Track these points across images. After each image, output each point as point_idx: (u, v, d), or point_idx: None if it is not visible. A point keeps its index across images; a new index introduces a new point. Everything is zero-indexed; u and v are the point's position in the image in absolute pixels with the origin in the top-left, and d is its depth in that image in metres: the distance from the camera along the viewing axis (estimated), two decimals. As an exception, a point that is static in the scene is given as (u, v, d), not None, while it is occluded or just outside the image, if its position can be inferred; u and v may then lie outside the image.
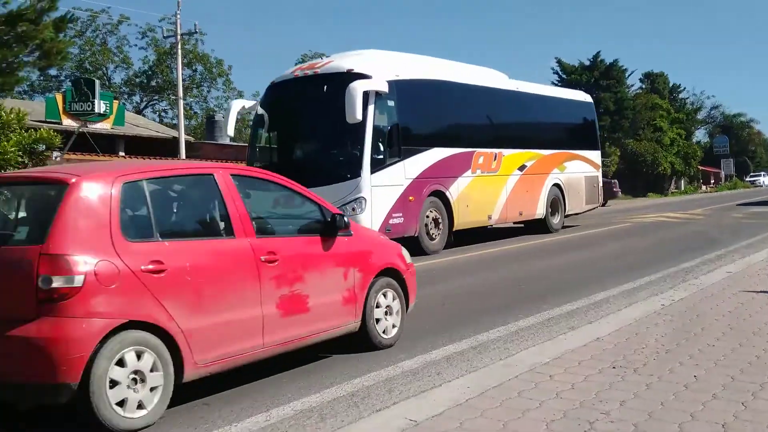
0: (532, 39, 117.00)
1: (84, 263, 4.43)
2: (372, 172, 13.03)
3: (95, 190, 4.70)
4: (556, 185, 18.90)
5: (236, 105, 15.49)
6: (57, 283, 4.34)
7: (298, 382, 5.55)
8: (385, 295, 6.60)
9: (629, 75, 62.37)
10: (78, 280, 4.38)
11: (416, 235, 13.84)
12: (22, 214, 5.19)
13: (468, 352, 6.30)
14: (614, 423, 4.22)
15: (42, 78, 51.08)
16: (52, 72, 49.33)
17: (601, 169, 22.01)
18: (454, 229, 15.15)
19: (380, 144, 13.33)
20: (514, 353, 6.11)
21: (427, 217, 14.27)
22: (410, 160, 14.03)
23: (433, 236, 14.49)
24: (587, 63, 59.40)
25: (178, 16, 37.17)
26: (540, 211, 18.29)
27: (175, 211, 5.62)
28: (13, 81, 24.61)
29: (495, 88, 17.44)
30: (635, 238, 17.54)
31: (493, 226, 17.56)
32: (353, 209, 12.55)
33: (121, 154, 29.01)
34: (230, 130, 15.26)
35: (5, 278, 4.50)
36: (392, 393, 5.15)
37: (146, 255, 4.75)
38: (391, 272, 6.74)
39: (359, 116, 12.39)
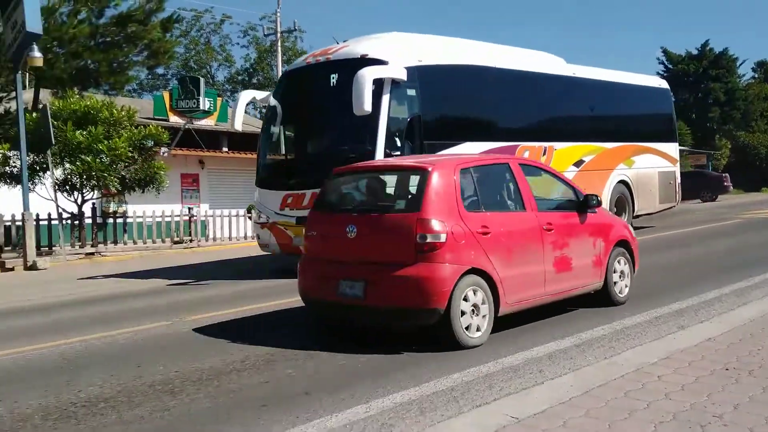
0: (635, 27, 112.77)
1: (445, 225, 6.34)
2: None
3: (445, 175, 6.64)
4: (623, 182, 17.15)
5: (245, 96, 14.01)
6: (430, 239, 6.27)
7: (396, 375, 5.55)
8: (619, 262, 8.12)
9: (740, 64, 59.32)
10: (443, 237, 6.29)
11: None
12: (397, 191, 7.34)
13: (571, 350, 6.13)
14: (728, 427, 4.03)
15: (150, 77, 53.40)
16: (160, 71, 51.46)
17: (678, 164, 20.05)
18: None
19: (396, 138, 11.79)
20: (620, 352, 5.92)
21: None
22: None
23: None
24: (695, 52, 56.99)
25: (278, 15, 37.99)
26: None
27: (489, 190, 7.28)
28: (123, 80, 25.85)
29: (544, 74, 15.67)
30: (749, 234, 16.62)
31: None
32: None
33: (225, 149, 29.86)
34: (237, 123, 13.49)
35: (393, 235, 6.49)
36: (492, 389, 5.07)
37: (478, 222, 6.60)
38: (623, 243, 8.24)
39: (368, 107, 10.90)
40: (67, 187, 17.88)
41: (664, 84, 20.06)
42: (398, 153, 11.67)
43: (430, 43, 13.72)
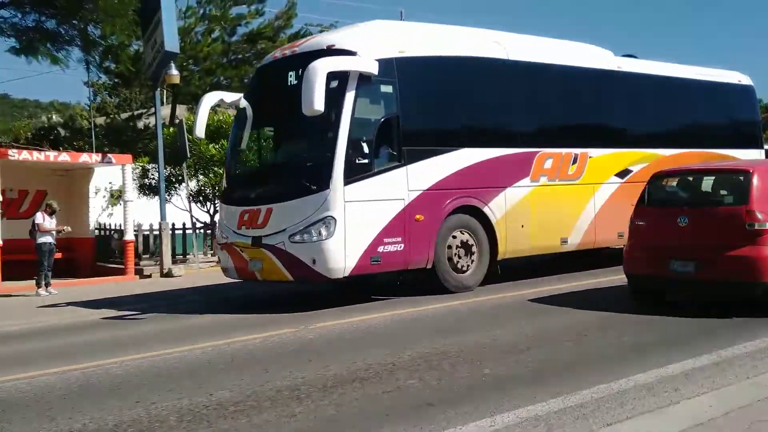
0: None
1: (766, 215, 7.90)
2: (348, 182, 9.56)
3: (764, 175, 8.22)
4: None
5: (210, 98, 11.64)
6: (757, 226, 7.84)
7: (521, 390, 5.40)
8: None
9: None
10: (767, 225, 7.84)
11: (429, 266, 10.37)
12: (724, 188, 8.93)
13: (709, 368, 5.77)
14: None
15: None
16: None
17: None
18: (500, 258, 11.22)
19: (364, 144, 9.89)
20: (764, 371, 5.53)
21: (453, 240, 10.69)
22: (419, 165, 10.34)
23: (462, 267, 10.76)
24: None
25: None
26: None
27: None
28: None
29: (575, 68, 12.81)
30: None
31: (574, 250, 12.65)
32: (319, 234, 9.41)
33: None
34: (199, 130, 11.41)
35: (723, 224, 8.19)
36: (624, 407, 4.84)
37: None
38: None
39: (318, 106, 9.09)
40: (201, 198, 18.66)
41: (746, 80, 16.36)
42: (366, 161, 9.81)
43: (418, 31, 11.59)
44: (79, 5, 17.54)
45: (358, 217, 9.61)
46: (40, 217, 14.32)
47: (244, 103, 11.21)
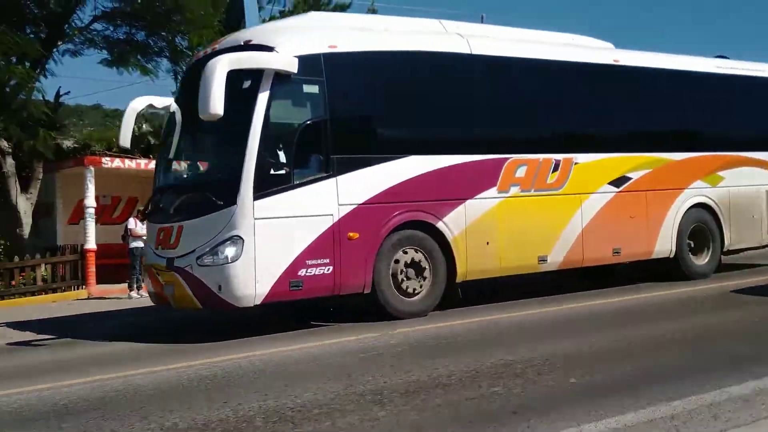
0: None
1: None
2: (259, 197, 8.32)
3: None
4: (702, 205, 12.24)
5: (136, 104, 9.99)
6: None
7: (609, 399, 5.23)
8: None
9: None
10: None
11: (366, 291, 9.00)
12: None
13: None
14: None
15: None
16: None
17: None
18: (460, 280, 9.72)
19: (281, 152, 8.67)
20: None
21: (396, 263, 9.27)
22: (353, 175, 9.01)
23: (411, 290, 9.38)
24: None
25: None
26: (664, 246, 11.68)
27: None
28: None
29: (560, 62, 11.14)
30: None
31: (555, 270, 10.95)
32: (225, 256, 8.22)
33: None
34: (123, 139, 9.90)
35: None
36: (718, 419, 4.64)
37: None
38: None
39: (215, 110, 7.88)
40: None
41: None
42: (283, 172, 8.50)
43: (359, 23, 10.45)
44: (167, 17, 18.11)
45: (272, 236, 8.36)
46: (132, 223, 14.97)
47: (174, 107, 9.95)
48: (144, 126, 19.03)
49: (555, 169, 10.65)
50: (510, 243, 10.14)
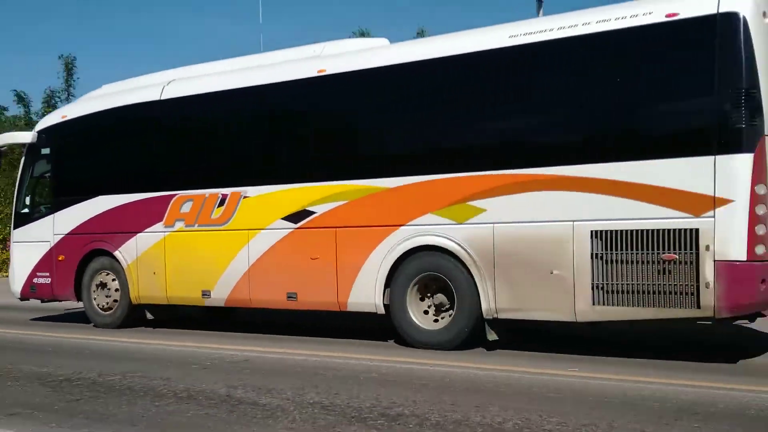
0: None
1: None
2: (15, 228, 12.67)
3: None
4: (437, 249, 8.50)
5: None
6: None
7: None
8: None
9: None
10: None
11: (77, 301, 12.10)
12: None
13: None
14: None
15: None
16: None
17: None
18: (136, 303, 11.26)
19: (28, 197, 12.59)
20: None
21: (93, 281, 11.73)
22: (63, 212, 11.93)
23: (103, 306, 11.72)
24: None
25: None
26: (363, 298, 8.99)
27: None
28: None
29: (228, 91, 10.23)
30: None
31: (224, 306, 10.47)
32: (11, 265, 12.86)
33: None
34: None
35: None
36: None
37: None
38: None
39: None
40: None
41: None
42: (27, 211, 12.36)
43: (102, 92, 12.38)
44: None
45: (21, 254, 12.51)
46: None
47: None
48: None
49: (221, 203, 10.31)
50: (174, 275, 10.79)
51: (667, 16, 7.25)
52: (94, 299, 11.83)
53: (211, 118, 10.72)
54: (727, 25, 6.91)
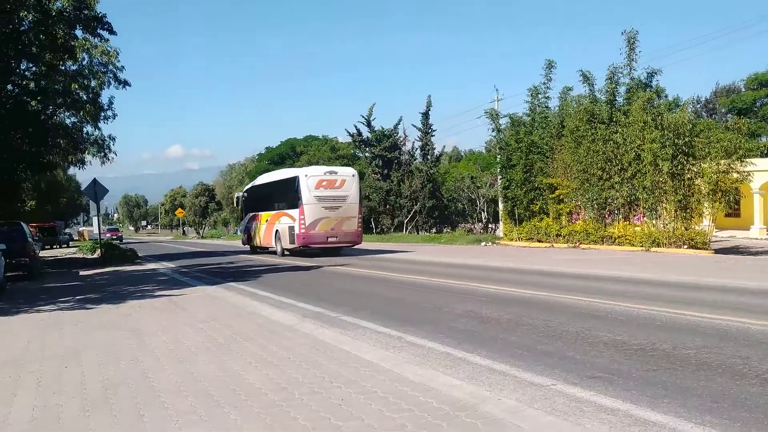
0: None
1: None
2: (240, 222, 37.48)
3: None
4: None
5: None
6: None
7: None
8: None
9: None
10: None
11: None
12: None
13: None
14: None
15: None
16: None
17: None
18: None
19: (244, 213, 35.65)
20: None
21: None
22: (247, 216, 34.43)
23: None
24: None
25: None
26: None
27: None
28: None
29: None
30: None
31: None
32: None
33: None
34: None
35: None
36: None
37: None
38: None
39: None
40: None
41: None
42: None
43: None
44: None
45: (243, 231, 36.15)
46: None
47: None
48: None
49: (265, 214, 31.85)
50: (258, 236, 31.93)
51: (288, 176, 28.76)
52: None
53: (263, 191, 31.96)
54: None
